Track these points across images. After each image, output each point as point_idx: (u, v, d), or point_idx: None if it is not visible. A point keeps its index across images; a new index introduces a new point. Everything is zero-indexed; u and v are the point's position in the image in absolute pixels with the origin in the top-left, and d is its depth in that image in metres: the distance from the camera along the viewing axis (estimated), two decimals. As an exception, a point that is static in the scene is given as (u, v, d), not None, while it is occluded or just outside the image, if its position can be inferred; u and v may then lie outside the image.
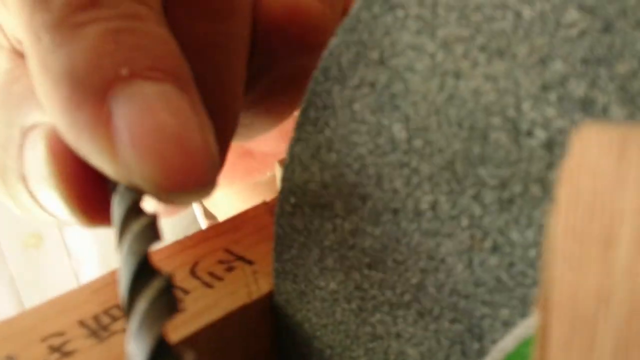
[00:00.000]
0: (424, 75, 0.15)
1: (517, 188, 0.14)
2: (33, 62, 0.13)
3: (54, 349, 0.17)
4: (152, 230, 0.13)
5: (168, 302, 0.13)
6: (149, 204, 0.14)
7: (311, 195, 0.17)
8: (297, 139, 0.17)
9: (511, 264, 0.15)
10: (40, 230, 0.63)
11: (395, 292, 0.17)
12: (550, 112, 0.13)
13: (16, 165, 0.15)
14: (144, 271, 0.13)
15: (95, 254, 0.66)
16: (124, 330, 0.18)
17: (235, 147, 0.27)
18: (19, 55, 0.17)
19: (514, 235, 0.14)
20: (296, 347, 0.20)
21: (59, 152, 0.14)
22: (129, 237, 0.13)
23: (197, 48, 0.16)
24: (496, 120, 0.14)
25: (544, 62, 0.13)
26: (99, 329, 0.18)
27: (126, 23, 0.13)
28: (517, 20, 0.13)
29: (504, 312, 0.15)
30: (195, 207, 0.45)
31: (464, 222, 0.15)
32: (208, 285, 0.20)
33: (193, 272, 0.20)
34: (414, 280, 0.16)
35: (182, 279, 0.20)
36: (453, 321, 0.16)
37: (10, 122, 0.15)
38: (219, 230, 0.23)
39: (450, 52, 0.14)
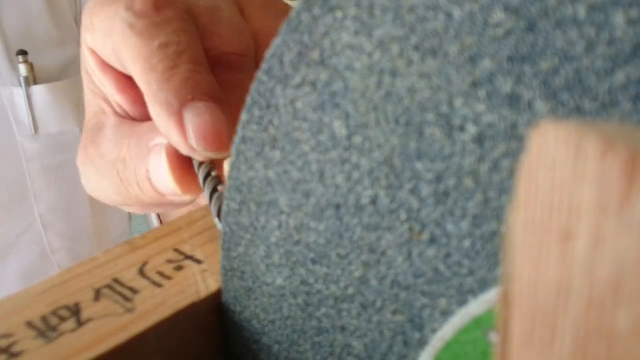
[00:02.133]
0: (363, 74, 0.15)
1: (451, 181, 0.14)
2: (148, 97, 0.26)
3: (2, 351, 0.17)
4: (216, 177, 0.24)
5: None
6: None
7: (257, 193, 0.18)
8: (242, 138, 0.18)
9: (448, 255, 0.15)
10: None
11: (339, 286, 0.17)
12: (480, 107, 0.14)
13: (143, 166, 0.27)
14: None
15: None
16: (72, 331, 0.18)
17: None
18: (119, 115, 0.31)
19: (450, 227, 0.15)
20: (245, 343, 0.20)
21: (172, 155, 0.26)
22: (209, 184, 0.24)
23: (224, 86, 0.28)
24: (430, 117, 0.14)
25: (473, 60, 0.14)
26: (48, 329, 0.18)
27: (191, 75, 0.25)
28: (448, 21, 0.14)
29: (443, 302, 0.15)
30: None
31: (403, 215, 0.15)
32: (157, 285, 0.20)
33: (142, 272, 0.20)
34: (357, 274, 0.17)
35: (131, 279, 0.20)
36: (395, 312, 0.16)
37: (139, 144, 0.28)
38: (168, 230, 0.23)
39: (387, 52, 0.15)
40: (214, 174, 0.25)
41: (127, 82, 0.29)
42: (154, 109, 0.25)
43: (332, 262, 0.17)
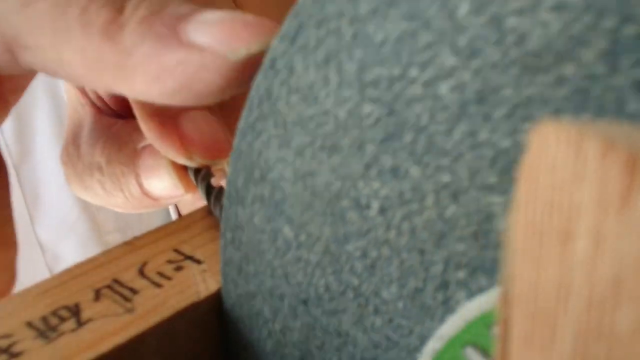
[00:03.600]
0: (292, 180, 0.17)
1: (373, 253, 0.16)
2: (137, 108, 0.24)
3: (1, 351, 0.17)
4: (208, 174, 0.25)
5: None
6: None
7: (246, 307, 0.19)
8: (224, 260, 0.19)
9: (390, 320, 0.16)
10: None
11: None
12: (376, 184, 0.16)
13: (132, 170, 0.26)
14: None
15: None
16: (72, 331, 0.18)
17: None
18: (97, 108, 0.29)
19: (384, 293, 0.16)
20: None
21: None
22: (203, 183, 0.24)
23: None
24: (345, 202, 0.16)
25: (361, 147, 0.16)
26: (48, 329, 0.18)
27: None
28: (336, 121, 0.16)
29: None
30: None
31: (350, 294, 0.17)
32: (157, 285, 0.20)
33: (142, 272, 0.20)
34: None
35: (131, 279, 0.20)
36: None
37: (122, 147, 0.27)
38: (167, 230, 0.23)
39: (303, 157, 0.17)
40: (209, 176, 0.25)
41: None
42: (144, 121, 0.24)
43: (314, 356, 0.18)
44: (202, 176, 0.25)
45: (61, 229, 0.62)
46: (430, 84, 0.14)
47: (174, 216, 0.52)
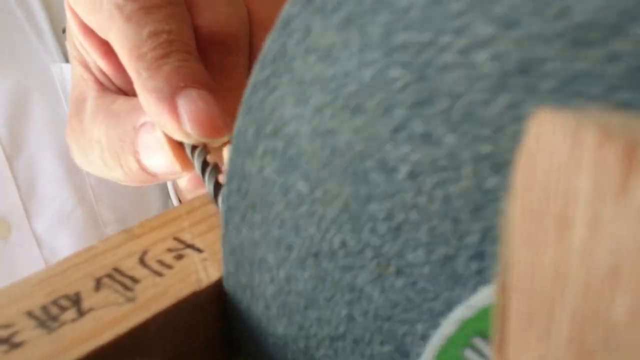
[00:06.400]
0: (309, 137, 0.17)
1: (400, 216, 0.16)
2: (137, 85, 0.25)
3: (2, 341, 0.17)
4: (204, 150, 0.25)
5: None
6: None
7: (247, 253, 0.19)
8: (228, 207, 0.19)
9: (414, 283, 0.16)
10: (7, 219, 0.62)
11: (331, 325, 0.18)
12: (405, 148, 0.16)
13: (130, 147, 0.27)
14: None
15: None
16: (73, 321, 0.18)
17: None
18: (100, 83, 0.30)
19: (409, 257, 0.16)
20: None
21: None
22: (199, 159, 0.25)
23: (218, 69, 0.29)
24: (370, 163, 0.16)
25: (388, 110, 0.16)
26: (48, 319, 0.18)
27: (182, 63, 0.25)
28: (359, 83, 0.16)
29: (420, 327, 0.17)
30: (170, 187, 0.48)
31: (369, 253, 0.17)
32: (158, 274, 0.20)
33: (142, 261, 0.20)
34: (344, 312, 0.18)
35: (131, 267, 0.20)
36: (382, 343, 0.17)
37: (121, 124, 0.28)
38: (167, 218, 0.23)
39: (322, 115, 0.17)
40: (205, 153, 0.25)
41: (110, 48, 0.28)
42: (144, 97, 0.25)
43: (321, 306, 0.18)
44: (198, 152, 0.25)
45: (57, 221, 0.62)
46: (466, 52, 0.14)
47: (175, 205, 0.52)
